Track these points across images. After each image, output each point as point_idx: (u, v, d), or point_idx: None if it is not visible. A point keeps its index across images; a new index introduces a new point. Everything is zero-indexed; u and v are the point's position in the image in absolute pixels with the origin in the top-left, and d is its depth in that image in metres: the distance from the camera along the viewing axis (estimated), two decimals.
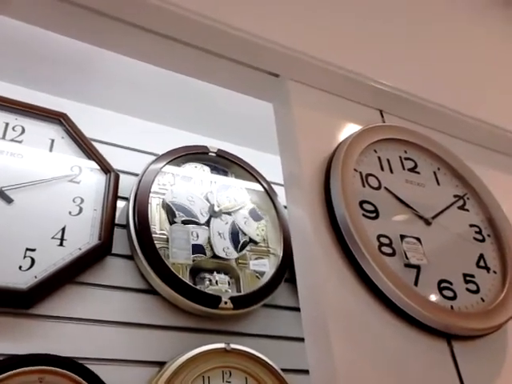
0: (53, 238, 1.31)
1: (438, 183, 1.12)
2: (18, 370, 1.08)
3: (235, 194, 1.71)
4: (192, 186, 1.64)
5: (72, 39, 1.07)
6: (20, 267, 1.22)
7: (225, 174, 1.75)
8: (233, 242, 1.59)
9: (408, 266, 0.92)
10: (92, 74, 1.58)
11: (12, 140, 1.41)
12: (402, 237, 0.95)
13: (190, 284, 1.39)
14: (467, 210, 1.11)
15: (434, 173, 1.14)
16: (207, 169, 1.71)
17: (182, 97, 1.67)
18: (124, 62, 1.43)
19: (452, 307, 0.91)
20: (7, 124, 1.43)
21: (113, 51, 1.11)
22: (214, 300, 1.39)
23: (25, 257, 1.24)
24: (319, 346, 0.83)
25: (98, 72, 1.57)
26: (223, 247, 1.55)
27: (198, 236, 1.53)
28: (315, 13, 1.20)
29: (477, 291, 0.97)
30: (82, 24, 0.99)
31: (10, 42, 1.43)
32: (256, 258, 1.60)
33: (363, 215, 0.95)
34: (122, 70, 1.56)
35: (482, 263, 1.03)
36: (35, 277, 1.21)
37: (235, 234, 1.61)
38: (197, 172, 1.68)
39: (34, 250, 1.26)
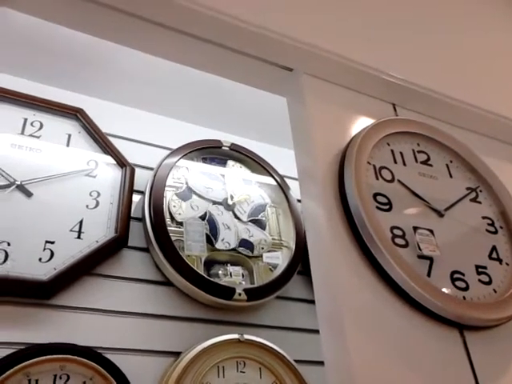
0: (71, 230, 1.34)
1: (451, 176, 1.13)
2: (40, 358, 1.11)
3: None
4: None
5: (88, 35, 1.09)
6: (40, 259, 1.25)
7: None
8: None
9: (421, 257, 0.93)
10: (108, 70, 1.60)
11: (30, 135, 1.44)
12: (415, 228, 0.96)
13: (205, 276, 1.41)
14: (479, 203, 1.12)
15: (447, 165, 1.15)
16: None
17: (197, 92, 1.69)
18: (139, 58, 1.44)
19: (464, 298, 0.93)
20: (26, 120, 1.46)
21: (129, 47, 1.13)
22: (228, 292, 1.41)
23: (44, 249, 1.27)
24: (334, 337, 0.85)
25: (113, 67, 1.59)
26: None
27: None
28: (329, 6, 1.21)
29: (489, 282, 0.98)
30: (101, 21, 1.01)
31: (26, 38, 1.46)
32: (269, 251, 1.62)
33: (377, 207, 0.96)
34: (137, 66, 1.58)
35: (494, 255, 1.04)
36: (54, 268, 1.24)
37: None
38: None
39: (53, 242, 1.29)
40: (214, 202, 1.62)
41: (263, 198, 1.74)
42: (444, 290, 0.91)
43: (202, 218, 1.56)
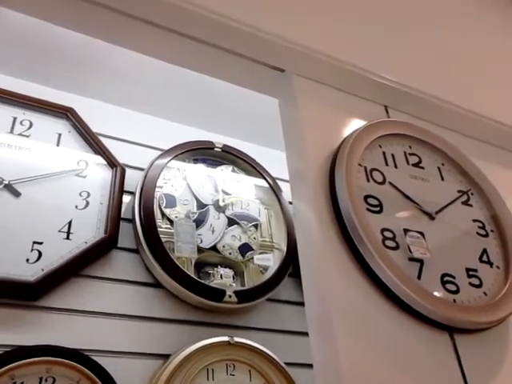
0: (59, 231, 1.32)
1: (442, 178, 1.13)
2: (25, 361, 1.10)
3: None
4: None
5: (80, 34, 1.08)
6: (27, 260, 1.23)
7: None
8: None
9: (411, 259, 0.93)
10: (99, 69, 1.59)
11: (20, 134, 1.43)
12: (406, 231, 0.96)
13: (195, 278, 1.40)
14: (471, 206, 1.12)
15: (438, 168, 1.14)
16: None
17: (189, 92, 1.68)
18: (131, 57, 1.44)
19: (455, 301, 0.92)
20: (15, 118, 1.45)
21: (121, 46, 1.12)
22: (218, 294, 1.40)
23: (32, 250, 1.25)
24: (323, 339, 0.84)
25: (104, 67, 1.58)
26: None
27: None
28: (321, 7, 1.21)
29: (479, 285, 0.98)
30: (93, 20, 1.00)
31: (17, 37, 1.44)
32: (260, 253, 1.61)
33: (367, 209, 0.95)
34: (128, 65, 1.57)
35: (485, 258, 1.03)
36: (42, 269, 1.23)
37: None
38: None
39: (41, 243, 1.27)
40: (205, 204, 1.60)
41: (259, 214, 1.71)
42: (434, 292, 0.91)
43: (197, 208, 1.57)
